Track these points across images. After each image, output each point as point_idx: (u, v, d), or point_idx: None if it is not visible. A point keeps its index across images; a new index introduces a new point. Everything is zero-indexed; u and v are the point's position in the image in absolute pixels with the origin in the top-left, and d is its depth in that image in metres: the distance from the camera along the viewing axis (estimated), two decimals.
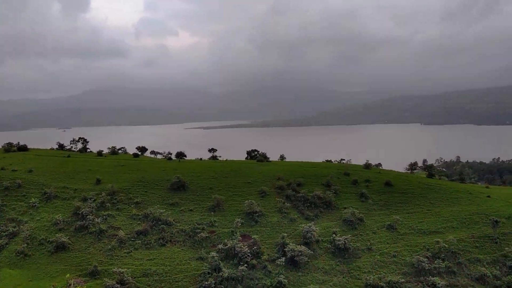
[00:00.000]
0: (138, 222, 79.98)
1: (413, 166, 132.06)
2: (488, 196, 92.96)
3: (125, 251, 72.29)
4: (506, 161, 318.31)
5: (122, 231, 76.43)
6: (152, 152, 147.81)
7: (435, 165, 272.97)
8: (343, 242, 72.04)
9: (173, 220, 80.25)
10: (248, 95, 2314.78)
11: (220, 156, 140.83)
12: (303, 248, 69.85)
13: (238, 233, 76.18)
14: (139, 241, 74.76)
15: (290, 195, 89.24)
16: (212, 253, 69.80)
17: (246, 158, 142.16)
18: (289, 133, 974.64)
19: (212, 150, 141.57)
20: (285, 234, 74.93)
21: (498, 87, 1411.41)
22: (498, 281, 65.63)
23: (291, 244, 71.02)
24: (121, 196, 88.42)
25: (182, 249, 73.21)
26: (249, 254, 69.90)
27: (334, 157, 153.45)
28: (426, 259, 68.22)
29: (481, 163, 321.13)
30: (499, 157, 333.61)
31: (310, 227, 75.45)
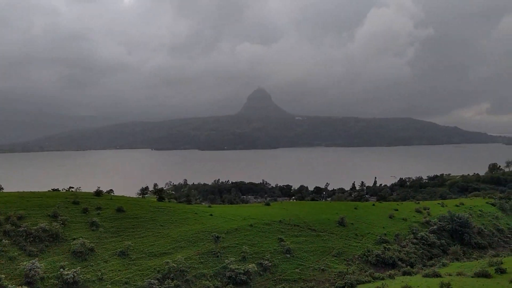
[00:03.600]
0: None
1: (144, 190, 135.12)
2: (211, 215, 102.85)
3: None
4: (225, 181, 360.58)
5: None
6: None
7: (165, 188, 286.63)
8: (72, 276, 67.28)
9: None
10: None
11: None
12: None
13: None
14: None
15: (9, 231, 78.22)
16: None
17: None
18: (7, 160, 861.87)
19: None
20: (3, 276, 65.09)
21: (216, 116, 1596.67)
22: None
23: (10, 286, 62.10)
24: None
25: None
26: None
27: (62, 185, 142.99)
28: (157, 281, 70.12)
29: (204, 184, 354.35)
30: (219, 179, 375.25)
31: (33, 264, 67.63)
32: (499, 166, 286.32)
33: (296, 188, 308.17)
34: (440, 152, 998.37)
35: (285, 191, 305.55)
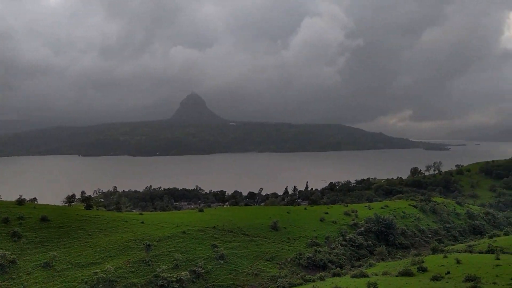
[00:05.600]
0: None
1: (70, 198, 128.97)
2: (142, 222, 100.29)
3: None
4: (157, 188, 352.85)
5: None
6: None
7: (93, 196, 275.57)
8: None
9: None
10: None
11: None
12: None
13: None
14: None
15: None
16: None
17: None
18: None
19: None
20: None
21: (148, 121, 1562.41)
22: None
23: None
24: None
25: None
26: None
27: None
28: None
29: (135, 191, 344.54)
30: (151, 185, 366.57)
31: None
32: (420, 170, 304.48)
33: (230, 194, 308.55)
34: (367, 157, 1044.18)
35: (219, 197, 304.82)
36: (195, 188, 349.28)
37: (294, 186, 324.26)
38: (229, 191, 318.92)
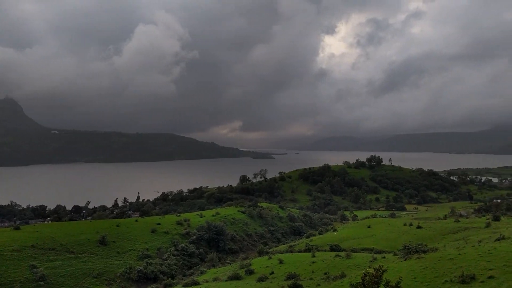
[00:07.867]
0: None
1: None
2: None
3: None
4: None
5: None
6: None
7: None
8: None
9: None
10: None
11: None
12: None
13: None
14: None
15: None
16: None
17: None
18: None
19: None
20: None
21: None
22: None
23: None
24: None
25: None
26: None
27: None
28: None
29: None
30: None
31: None
32: (248, 178, 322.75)
33: (51, 209, 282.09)
34: (200, 166, 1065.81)
35: (39, 212, 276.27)
36: (10, 203, 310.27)
37: (125, 198, 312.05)
38: (51, 206, 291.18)
